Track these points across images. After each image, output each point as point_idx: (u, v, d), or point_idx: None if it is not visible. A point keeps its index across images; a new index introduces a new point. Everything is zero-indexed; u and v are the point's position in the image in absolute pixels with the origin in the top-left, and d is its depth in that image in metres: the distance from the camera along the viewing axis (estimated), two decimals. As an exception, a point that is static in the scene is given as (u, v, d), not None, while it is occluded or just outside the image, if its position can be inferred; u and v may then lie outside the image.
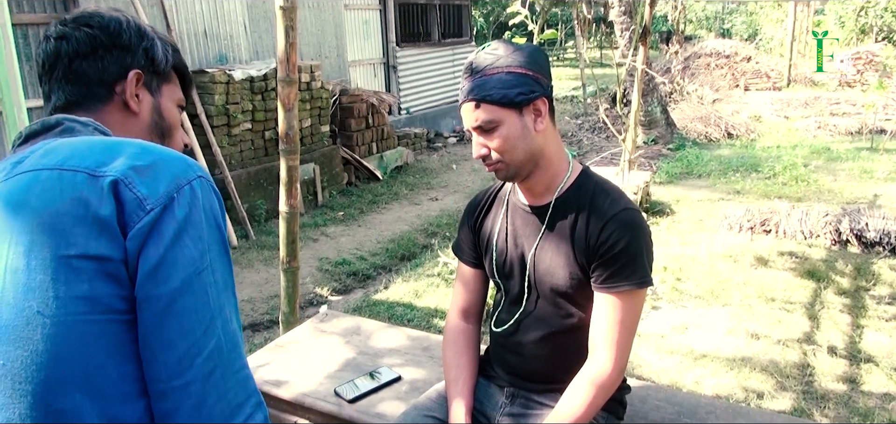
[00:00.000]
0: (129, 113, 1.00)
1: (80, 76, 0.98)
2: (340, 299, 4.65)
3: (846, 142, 9.06)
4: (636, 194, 5.81)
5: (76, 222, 0.79)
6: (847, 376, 3.26)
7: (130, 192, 0.80)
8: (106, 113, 0.98)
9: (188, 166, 0.87)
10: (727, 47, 15.36)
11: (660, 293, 4.26)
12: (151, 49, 1.03)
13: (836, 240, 5.05)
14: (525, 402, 1.61)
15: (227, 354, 0.83)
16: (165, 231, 0.80)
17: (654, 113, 9.44)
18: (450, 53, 11.54)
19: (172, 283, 0.79)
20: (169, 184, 0.83)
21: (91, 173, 0.81)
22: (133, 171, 0.82)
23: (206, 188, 0.87)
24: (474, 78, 1.44)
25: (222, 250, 0.87)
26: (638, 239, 1.45)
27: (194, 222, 0.83)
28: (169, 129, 1.06)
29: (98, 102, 0.98)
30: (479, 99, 1.43)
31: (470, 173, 8.48)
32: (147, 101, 1.03)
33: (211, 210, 0.86)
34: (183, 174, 0.85)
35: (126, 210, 0.80)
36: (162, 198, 0.81)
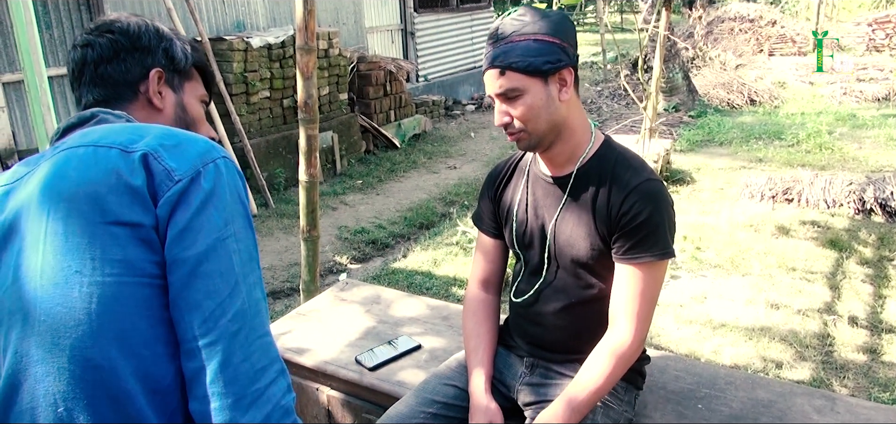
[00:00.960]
0: (153, 109, 1.08)
1: (105, 79, 1.06)
2: (359, 267, 4.69)
3: (873, 109, 8.87)
4: (657, 163, 5.75)
5: (110, 191, 0.85)
6: (867, 346, 3.24)
7: (159, 164, 0.87)
8: (132, 110, 1.06)
9: (212, 147, 0.92)
10: (752, 11, 15.00)
11: (679, 263, 4.24)
12: (170, 49, 1.10)
13: (859, 209, 4.98)
14: (545, 372, 1.63)
15: (251, 318, 0.87)
16: (192, 200, 0.85)
17: (675, 79, 9.30)
18: (468, 18, 11.41)
19: (199, 247, 0.85)
20: (195, 160, 0.89)
21: (123, 149, 0.88)
22: (162, 147, 0.88)
23: (230, 168, 0.92)
24: (499, 45, 1.42)
25: (247, 224, 0.91)
26: (660, 210, 1.44)
27: (219, 193, 0.88)
28: (193, 123, 1.13)
29: (124, 101, 1.06)
30: (504, 66, 1.41)
31: (488, 141, 8.44)
32: (170, 97, 1.10)
33: (235, 188, 0.91)
34: (208, 153, 0.91)
35: (156, 180, 0.86)
36: (189, 171, 0.87)
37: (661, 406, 1.73)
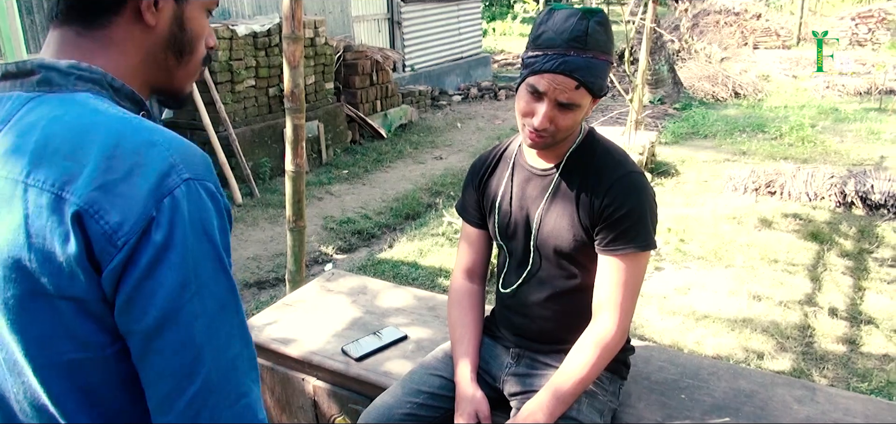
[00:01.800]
0: (142, 26, 0.81)
1: None
2: (345, 257, 4.69)
3: (854, 102, 8.98)
4: (642, 155, 5.79)
5: (44, 263, 0.70)
6: (847, 337, 3.29)
7: (98, 225, 0.68)
8: (112, 28, 0.80)
9: (172, 166, 0.71)
10: (737, 4, 15.09)
11: (663, 254, 4.28)
12: None
13: (840, 202, 5.05)
14: (531, 362, 1.64)
15: (220, 387, 0.73)
16: (140, 260, 0.68)
17: (661, 72, 9.35)
18: (455, 8, 11.38)
19: (148, 319, 0.70)
20: (145, 200, 0.69)
21: (57, 195, 0.69)
22: (101, 191, 0.68)
23: (194, 194, 0.72)
24: (585, 54, 1.35)
25: (216, 266, 0.74)
26: (642, 203, 1.46)
27: (175, 244, 0.69)
28: (189, 44, 0.86)
29: (105, 12, 0.79)
30: (584, 82, 1.36)
31: (474, 131, 8.45)
32: (168, 9, 0.83)
33: (200, 221, 0.72)
34: (164, 182, 0.70)
35: (95, 249, 0.68)
36: (137, 223, 0.68)
37: (646, 396, 1.75)
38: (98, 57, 0.79)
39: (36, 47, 5.54)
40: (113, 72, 0.80)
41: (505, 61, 13.77)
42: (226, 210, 0.77)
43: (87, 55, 0.79)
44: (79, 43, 0.79)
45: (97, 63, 0.79)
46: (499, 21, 18.87)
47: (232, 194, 5.67)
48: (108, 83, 0.78)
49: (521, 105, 1.44)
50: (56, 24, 0.80)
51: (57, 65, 0.77)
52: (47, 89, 0.76)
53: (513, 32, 17.09)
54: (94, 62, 0.79)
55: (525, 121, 1.44)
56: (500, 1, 22.88)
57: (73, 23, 0.79)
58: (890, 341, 3.24)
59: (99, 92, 0.77)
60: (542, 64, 1.36)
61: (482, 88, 10.86)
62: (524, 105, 1.43)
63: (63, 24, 0.80)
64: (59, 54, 0.79)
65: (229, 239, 0.78)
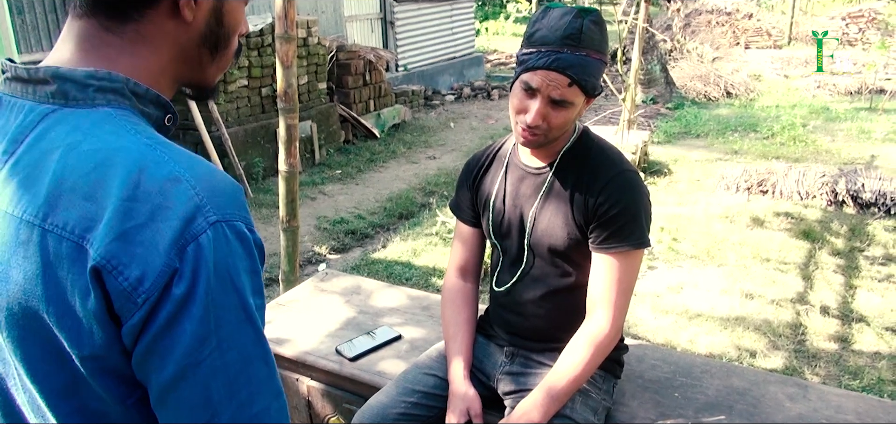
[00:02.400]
0: (178, 21, 0.74)
1: None
2: (339, 257, 4.68)
3: (845, 102, 9.04)
4: (635, 154, 5.81)
5: (62, 317, 0.66)
6: (838, 335, 3.31)
7: (116, 281, 0.63)
8: (144, 23, 0.73)
9: (198, 207, 0.65)
10: (729, 4, 15.16)
11: (656, 253, 4.30)
12: None
13: (832, 201, 5.08)
14: (524, 361, 1.64)
15: None
16: (160, 315, 0.64)
17: (653, 71, 9.38)
18: (448, 7, 11.38)
19: (165, 373, 0.65)
20: (169, 249, 0.63)
21: (77, 243, 0.64)
22: (121, 241, 0.63)
23: (221, 239, 0.66)
24: (578, 52, 1.36)
25: (241, 317, 0.68)
26: (636, 201, 1.46)
27: (197, 296, 0.64)
28: (225, 38, 0.80)
29: (140, 3, 0.72)
30: (577, 80, 1.36)
31: (468, 131, 8.45)
32: (207, 3, 0.76)
33: (226, 268, 0.66)
34: (189, 227, 0.64)
35: (115, 304, 0.64)
36: (159, 278, 0.63)
37: (639, 394, 1.76)
38: (124, 56, 0.73)
39: (27, 47, 5.51)
40: (139, 72, 0.73)
41: (498, 61, 13.78)
42: (257, 247, 0.71)
43: (111, 53, 0.72)
44: (103, 38, 0.72)
45: (122, 62, 0.72)
46: (492, 21, 18.89)
47: (225, 195, 5.65)
48: (130, 90, 0.72)
49: (515, 102, 1.44)
50: (78, 15, 0.72)
51: (73, 75, 0.69)
52: (63, 102, 0.69)
53: (506, 32, 17.10)
54: (120, 61, 0.72)
55: (518, 118, 1.44)
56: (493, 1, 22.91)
57: (99, 15, 0.72)
58: (881, 338, 3.27)
59: (120, 103, 0.71)
60: (535, 61, 1.37)
61: (475, 87, 10.87)
62: (518, 102, 1.43)
63: (87, 16, 0.72)
64: (80, 51, 0.72)
65: (260, 280, 0.71)
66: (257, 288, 0.71)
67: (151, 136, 0.70)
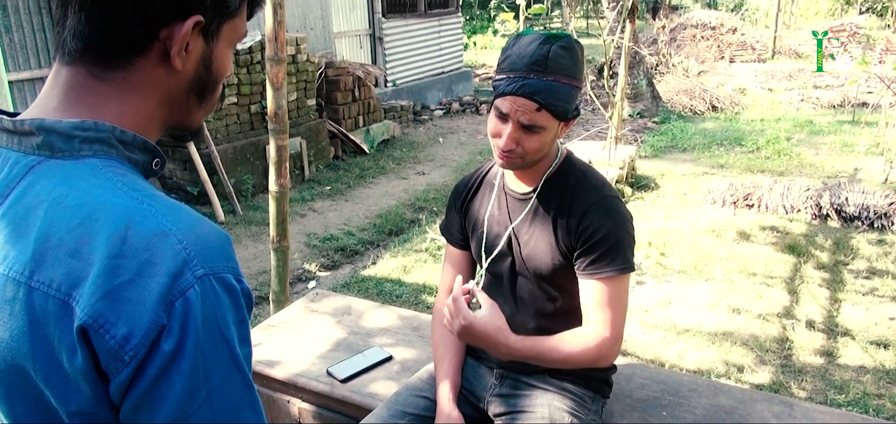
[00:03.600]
0: (167, 68, 0.74)
1: (114, 4, 0.69)
2: (328, 274, 4.68)
3: (828, 115, 9.16)
4: (622, 169, 5.86)
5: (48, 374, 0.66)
6: (824, 349, 3.35)
7: (104, 340, 0.62)
8: (132, 70, 0.72)
9: (186, 261, 0.65)
10: (713, 19, 15.36)
11: (644, 268, 4.33)
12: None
13: (816, 214, 5.14)
14: (514, 383, 1.66)
15: None
16: (148, 372, 0.63)
17: (640, 86, 9.47)
18: (436, 23, 11.45)
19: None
20: (156, 306, 0.63)
21: (63, 300, 0.64)
22: (108, 299, 0.62)
23: (209, 292, 0.66)
24: (546, 77, 1.38)
25: (230, 367, 0.68)
26: (619, 226, 1.49)
27: (186, 351, 0.64)
28: (213, 84, 0.80)
29: (129, 50, 0.71)
30: (545, 105, 1.39)
31: (457, 146, 8.48)
32: (197, 52, 0.75)
33: (214, 321, 0.67)
34: (176, 282, 0.64)
35: (102, 362, 0.63)
36: (146, 335, 0.63)
37: (628, 413, 1.78)
38: (111, 102, 0.72)
39: (15, 66, 5.50)
40: (127, 118, 0.73)
41: (486, 76, 13.85)
42: (245, 297, 0.71)
43: (98, 100, 0.72)
44: (90, 86, 0.72)
45: (109, 109, 0.72)
46: (480, 35, 19.01)
47: (214, 212, 5.64)
48: (116, 139, 0.72)
49: (490, 127, 1.48)
50: (66, 61, 0.72)
51: (59, 127, 0.69)
52: (49, 154, 0.70)
53: (494, 46, 17.22)
54: (106, 108, 0.72)
55: (494, 142, 1.48)
56: (481, 15, 23.04)
57: (87, 63, 0.71)
58: (866, 352, 3.31)
59: (107, 153, 0.71)
60: (505, 87, 1.41)
61: (464, 102, 10.92)
62: (492, 126, 1.48)
63: (74, 63, 0.72)
64: (66, 100, 0.72)
65: (248, 328, 0.72)
66: (244, 337, 0.71)
67: (138, 188, 0.70)
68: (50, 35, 5.88)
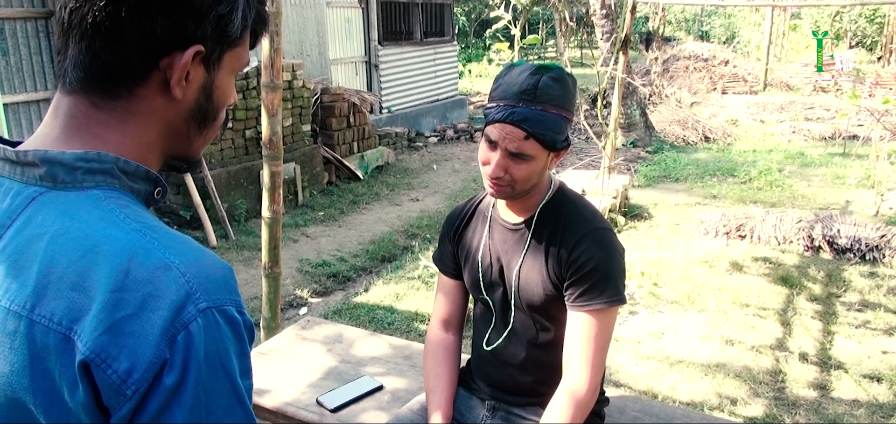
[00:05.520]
0: (167, 98, 0.74)
1: (114, 34, 0.69)
2: (320, 301, 4.65)
3: (820, 147, 9.24)
4: (615, 198, 5.88)
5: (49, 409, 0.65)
6: (817, 382, 3.34)
7: (105, 375, 0.62)
8: (133, 100, 0.72)
9: (188, 294, 0.65)
10: (705, 50, 15.55)
11: (637, 298, 4.32)
12: (227, 17, 0.75)
13: (808, 246, 5.16)
14: (506, 415, 1.64)
15: None
16: (150, 407, 0.63)
17: (633, 116, 9.54)
18: (432, 52, 11.55)
19: None
20: (158, 340, 0.63)
21: (64, 334, 0.63)
22: (110, 333, 0.62)
23: (211, 325, 0.66)
24: (533, 107, 1.39)
25: (232, 401, 0.68)
26: (610, 257, 1.48)
27: (188, 385, 0.64)
28: (214, 112, 0.80)
29: (130, 80, 0.71)
30: (533, 133, 1.40)
31: (450, 174, 8.50)
32: (197, 81, 0.75)
33: (216, 355, 0.66)
34: (179, 316, 0.64)
35: (104, 396, 0.63)
36: (148, 369, 0.62)
37: (620, 447, 1.76)
38: (112, 131, 0.73)
39: (11, 89, 5.50)
40: (128, 148, 0.73)
41: (481, 103, 13.95)
42: (247, 329, 0.71)
43: (99, 130, 0.72)
44: (92, 115, 0.72)
45: (111, 138, 0.72)
46: (475, 63, 19.17)
47: (206, 237, 5.62)
48: (119, 170, 0.72)
49: (481, 154, 1.50)
50: (68, 91, 0.72)
51: (62, 158, 0.69)
52: (51, 185, 0.70)
53: (489, 75, 17.35)
54: (108, 137, 0.72)
55: (484, 169, 1.49)
56: (476, 43, 23.25)
57: (88, 92, 0.72)
58: (859, 386, 3.30)
59: (109, 184, 0.71)
60: (494, 114, 1.43)
61: (458, 129, 10.97)
62: (482, 154, 1.49)
63: (75, 93, 0.72)
64: (68, 130, 0.72)
65: (249, 361, 0.72)
66: (246, 370, 0.71)
67: (141, 219, 0.70)
68: (45, 58, 5.89)
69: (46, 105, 5.86)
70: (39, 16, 5.85)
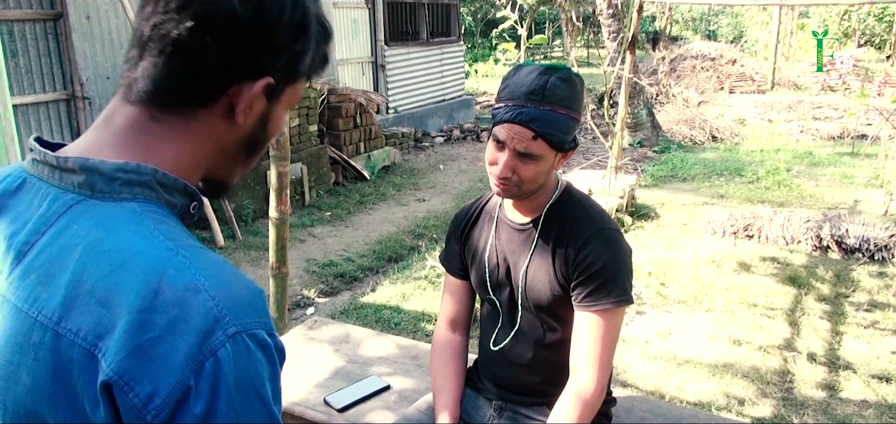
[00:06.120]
0: (228, 122, 0.74)
1: (194, 55, 0.69)
2: (327, 301, 4.66)
3: (828, 147, 9.19)
4: (622, 198, 5.87)
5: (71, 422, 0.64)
6: (826, 383, 3.33)
7: (126, 397, 0.61)
8: (194, 119, 0.73)
9: (217, 319, 0.63)
10: (712, 50, 15.49)
11: (644, 298, 4.31)
12: (301, 55, 0.76)
13: (816, 246, 5.14)
14: (513, 415, 1.64)
15: None
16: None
17: (640, 115, 9.52)
18: (438, 52, 11.55)
19: None
20: (184, 365, 0.61)
21: (89, 350, 0.62)
22: (134, 356, 0.61)
23: (241, 350, 0.64)
24: (541, 107, 1.40)
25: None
26: (617, 257, 1.48)
27: (219, 412, 0.62)
28: (264, 141, 0.81)
29: (197, 100, 0.72)
30: (541, 133, 1.40)
31: (457, 174, 8.50)
32: (258, 110, 0.75)
33: (249, 379, 0.64)
34: (207, 341, 0.62)
35: (124, 418, 0.62)
36: (170, 395, 0.61)
37: (627, 447, 1.76)
38: (163, 143, 0.72)
39: (20, 90, 5.53)
40: (174, 162, 0.73)
41: (487, 103, 13.94)
42: (278, 352, 0.69)
43: (151, 141, 0.72)
44: (148, 126, 0.72)
45: (160, 149, 0.72)
46: (481, 63, 19.17)
47: (214, 237, 5.64)
48: (157, 182, 0.71)
49: (488, 154, 1.50)
50: (129, 100, 0.72)
51: (102, 168, 0.69)
52: (89, 194, 0.69)
53: (495, 74, 17.34)
54: (158, 148, 0.72)
55: (491, 169, 1.49)
56: (483, 43, 23.25)
57: (151, 105, 0.71)
58: (868, 386, 3.28)
59: (146, 196, 0.70)
60: (502, 115, 1.43)
61: (464, 129, 10.97)
62: (490, 154, 1.49)
63: (139, 104, 0.72)
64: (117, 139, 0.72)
65: (280, 384, 0.70)
66: (277, 393, 0.69)
67: (174, 236, 0.69)
68: (54, 60, 5.92)
69: (55, 107, 5.90)
70: (49, 18, 5.89)
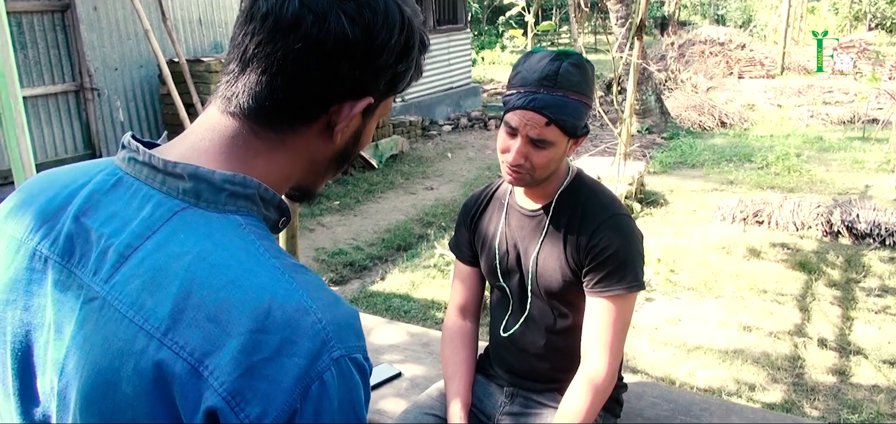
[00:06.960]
0: (324, 139, 0.74)
1: (299, 77, 0.69)
2: (337, 290, 4.68)
3: (838, 131, 9.12)
4: (631, 185, 5.85)
5: None
6: (836, 368, 3.32)
7: (235, 418, 0.59)
8: (292, 135, 0.72)
9: (324, 342, 0.63)
10: (722, 35, 15.37)
11: (654, 285, 4.31)
12: (402, 75, 0.77)
13: (827, 231, 5.11)
14: (525, 401, 1.65)
15: None
16: None
17: (648, 101, 9.47)
18: (445, 40, 11.51)
19: None
20: (292, 388, 0.61)
21: (195, 366, 0.60)
22: (246, 377, 0.60)
23: (344, 373, 0.64)
24: (556, 92, 1.40)
25: None
26: (628, 243, 1.49)
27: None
28: (354, 154, 0.81)
29: (297, 118, 0.72)
30: (554, 119, 1.40)
31: (465, 162, 8.50)
32: (354, 126, 0.76)
33: (350, 403, 0.65)
34: (314, 364, 0.62)
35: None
36: (278, 416, 0.60)
37: (639, 433, 1.76)
38: (260, 158, 0.72)
39: (29, 82, 5.56)
40: (270, 176, 0.72)
41: (494, 91, 13.90)
42: (369, 372, 0.70)
43: (248, 155, 0.71)
44: (246, 140, 0.71)
45: (257, 164, 0.72)
46: (488, 50, 19.09)
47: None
48: (260, 196, 0.71)
49: (499, 142, 1.49)
50: (228, 112, 0.71)
51: (210, 178, 0.68)
52: (194, 202, 0.68)
53: (502, 62, 17.27)
54: (255, 162, 0.72)
55: (503, 157, 1.49)
56: (490, 31, 23.15)
57: (251, 120, 0.71)
58: (879, 371, 3.28)
59: (249, 210, 0.70)
60: (515, 101, 1.43)
61: (472, 117, 10.95)
62: (501, 142, 1.49)
63: (239, 117, 0.71)
64: (223, 150, 0.71)
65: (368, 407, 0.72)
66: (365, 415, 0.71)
67: (278, 254, 0.68)
68: (63, 52, 5.95)
69: (64, 98, 5.93)
70: (57, 9, 5.91)
